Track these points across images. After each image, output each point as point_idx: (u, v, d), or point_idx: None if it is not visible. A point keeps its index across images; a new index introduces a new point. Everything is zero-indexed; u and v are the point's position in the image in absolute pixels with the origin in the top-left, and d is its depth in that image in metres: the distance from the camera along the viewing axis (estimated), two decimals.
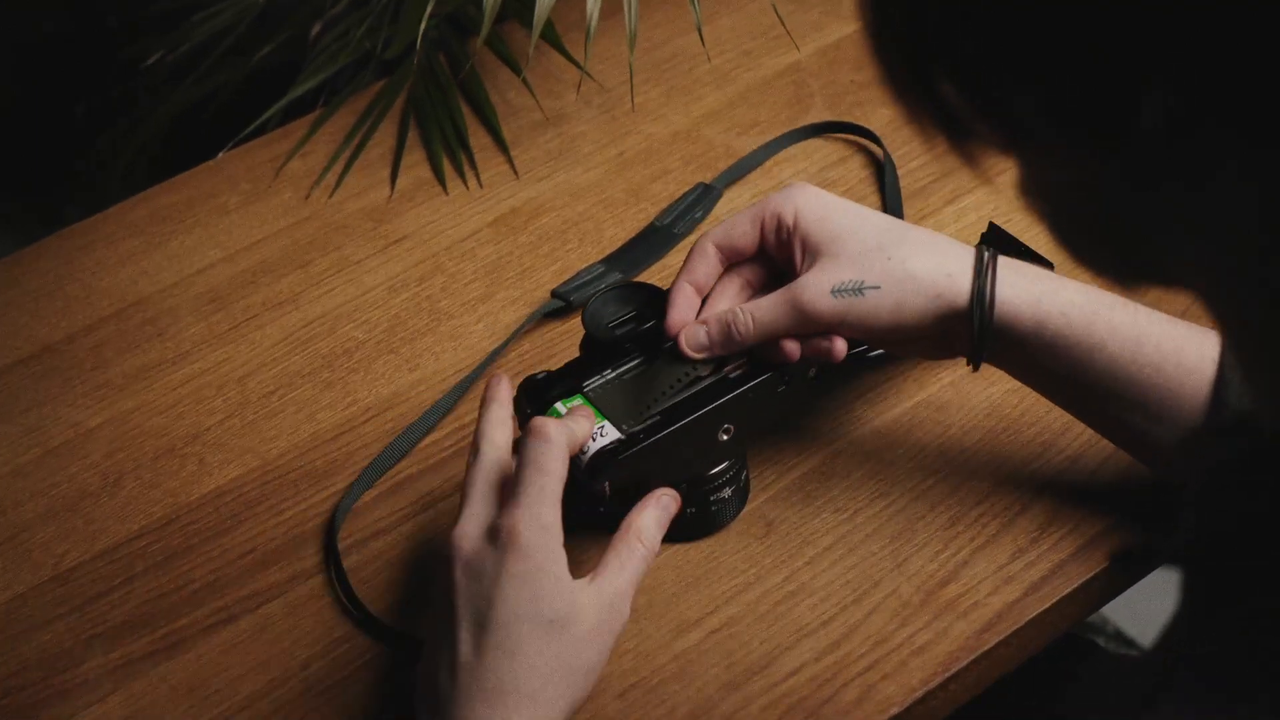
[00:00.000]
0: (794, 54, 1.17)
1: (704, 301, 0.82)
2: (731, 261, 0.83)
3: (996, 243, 0.87)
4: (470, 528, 0.73)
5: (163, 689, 0.82)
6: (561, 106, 1.16)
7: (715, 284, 0.83)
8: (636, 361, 0.82)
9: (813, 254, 0.79)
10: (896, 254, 0.77)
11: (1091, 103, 0.43)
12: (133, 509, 0.92)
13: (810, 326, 0.78)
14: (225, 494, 0.92)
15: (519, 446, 0.74)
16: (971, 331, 0.77)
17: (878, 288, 0.77)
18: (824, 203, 0.80)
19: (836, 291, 0.77)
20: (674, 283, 0.82)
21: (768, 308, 0.79)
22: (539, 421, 0.74)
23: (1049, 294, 0.77)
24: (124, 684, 0.83)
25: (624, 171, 1.10)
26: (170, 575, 0.88)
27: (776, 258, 0.82)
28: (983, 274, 0.77)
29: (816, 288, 0.78)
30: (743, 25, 1.20)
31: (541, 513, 0.72)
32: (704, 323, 0.80)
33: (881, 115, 1.11)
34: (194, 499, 0.92)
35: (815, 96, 1.14)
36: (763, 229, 0.81)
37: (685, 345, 0.80)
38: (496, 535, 0.72)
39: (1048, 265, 0.86)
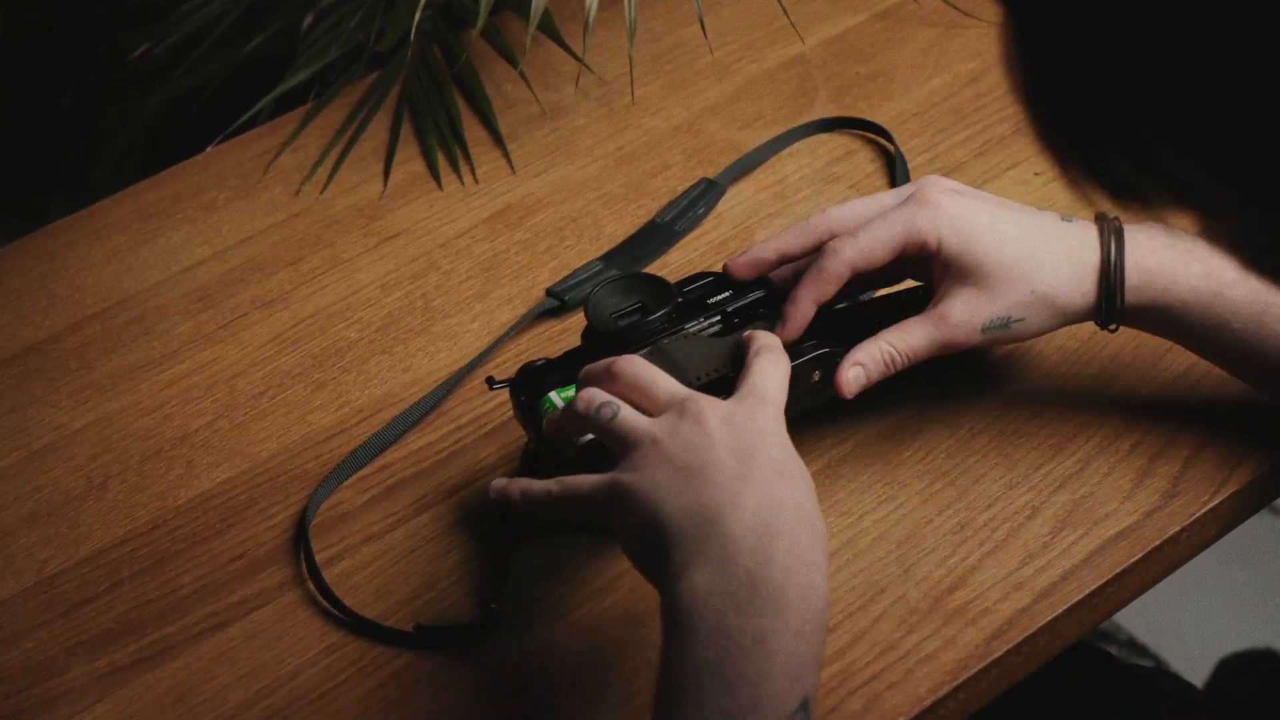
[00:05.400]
0: (798, 46, 1.15)
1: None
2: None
3: None
4: (642, 422, 0.73)
5: (149, 698, 0.81)
6: (559, 100, 1.14)
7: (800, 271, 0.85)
8: (639, 354, 0.81)
9: (954, 279, 0.81)
10: (1038, 283, 0.81)
11: (1250, 161, 0.45)
12: (118, 513, 0.90)
13: (954, 351, 0.83)
14: (214, 497, 0.90)
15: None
16: (1101, 324, 0.84)
17: (1023, 320, 0.81)
18: (967, 228, 0.81)
19: (986, 329, 0.81)
20: (798, 295, 0.82)
21: (920, 345, 0.82)
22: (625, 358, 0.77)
23: (1171, 288, 0.81)
24: (110, 693, 0.82)
25: (623, 166, 1.09)
26: (157, 581, 0.86)
27: (895, 263, 0.83)
28: (1111, 287, 0.81)
29: (967, 326, 0.81)
30: (745, 16, 1.19)
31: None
32: (860, 364, 0.81)
33: (888, 109, 1.09)
34: (181, 503, 0.90)
35: (820, 89, 1.12)
36: (903, 254, 0.82)
37: (847, 391, 0.82)
38: (682, 407, 0.72)
39: None
